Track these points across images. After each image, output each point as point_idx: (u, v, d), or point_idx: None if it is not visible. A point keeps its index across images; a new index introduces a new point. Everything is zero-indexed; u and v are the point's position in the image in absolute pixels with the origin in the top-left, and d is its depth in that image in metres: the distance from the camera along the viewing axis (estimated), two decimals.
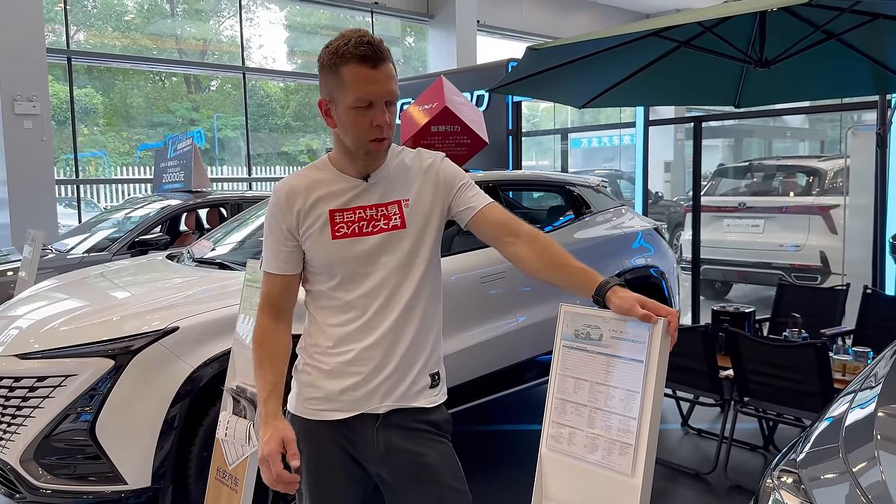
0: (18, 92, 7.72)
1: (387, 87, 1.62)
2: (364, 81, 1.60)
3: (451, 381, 3.60)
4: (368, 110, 1.62)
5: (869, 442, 1.29)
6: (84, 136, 16.01)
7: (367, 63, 1.59)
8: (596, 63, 4.15)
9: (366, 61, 1.59)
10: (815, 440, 1.48)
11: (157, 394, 2.84)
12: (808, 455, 1.43)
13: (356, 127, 1.64)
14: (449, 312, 3.62)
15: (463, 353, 3.65)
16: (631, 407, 1.50)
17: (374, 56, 1.59)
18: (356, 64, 1.59)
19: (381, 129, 1.64)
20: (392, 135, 1.69)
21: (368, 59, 1.59)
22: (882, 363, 1.72)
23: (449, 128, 4.45)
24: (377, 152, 1.69)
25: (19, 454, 2.83)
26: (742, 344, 3.49)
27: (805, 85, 4.53)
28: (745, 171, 8.64)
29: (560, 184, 4.91)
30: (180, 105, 16.75)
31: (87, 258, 5.52)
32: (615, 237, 4.88)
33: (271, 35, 16.92)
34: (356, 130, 1.64)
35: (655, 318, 1.49)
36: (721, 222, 8.00)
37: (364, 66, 1.59)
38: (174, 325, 2.91)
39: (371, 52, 1.59)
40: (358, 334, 1.73)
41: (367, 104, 1.61)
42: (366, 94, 1.60)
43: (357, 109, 1.62)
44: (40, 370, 2.84)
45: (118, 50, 15.22)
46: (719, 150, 19.84)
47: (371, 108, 1.62)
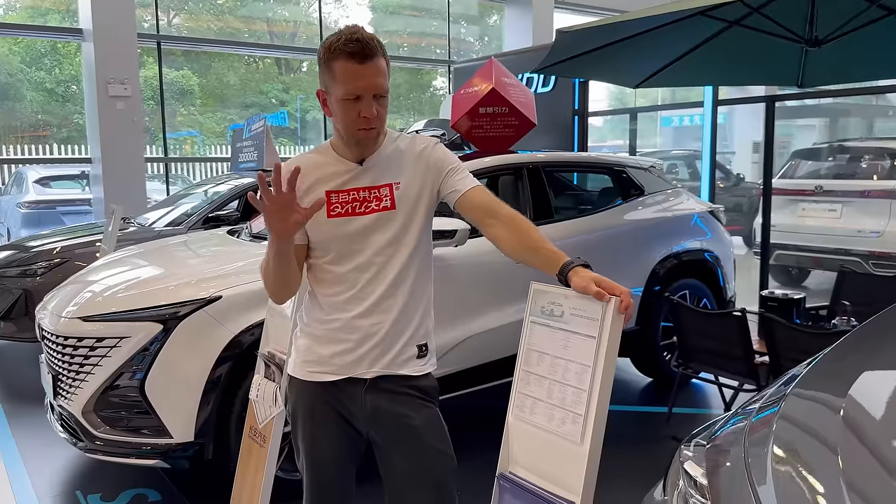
0: (112, 75, 8.24)
1: (373, 82, 1.74)
2: (352, 76, 1.71)
3: (487, 357, 3.74)
4: (357, 103, 1.74)
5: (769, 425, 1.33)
6: (182, 117, 16.89)
7: (355, 59, 1.70)
8: (645, 43, 4.12)
9: (353, 57, 1.70)
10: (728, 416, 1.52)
11: (201, 357, 3.09)
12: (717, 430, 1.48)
13: (346, 118, 1.77)
14: (484, 292, 3.74)
15: (500, 329, 3.75)
16: (583, 380, 1.58)
17: (362, 52, 1.71)
18: (345, 60, 1.71)
19: (367, 121, 1.76)
20: (381, 125, 1.81)
21: (356, 55, 1.70)
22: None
23: (497, 109, 4.52)
24: (366, 140, 1.82)
25: (82, 406, 3.15)
26: (777, 330, 3.44)
27: (870, 63, 4.34)
28: (827, 153, 8.27)
29: (609, 165, 4.89)
30: (272, 86, 17.38)
31: (164, 231, 5.91)
32: (665, 220, 4.84)
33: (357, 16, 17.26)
34: (346, 121, 1.78)
35: (607, 297, 1.56)
36: (797, 206, 7.71)
37: (352, 61, 1.71)
38: (218, 294, 3.15)
39: (359, 48, 1.70)
40: (348, 305, 1.87)
41: (356, 97, 1.73)
42: (353, 89, 1.72)
43: (346, 101, 1.74)
44: (99, 332, 3.14)
45: (212, 33, 15.92)
46: (816, 130, 18.93)
47: (359, 101, 1.74)
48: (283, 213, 1.65)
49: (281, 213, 1.65)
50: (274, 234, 1.70)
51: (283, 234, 1.70)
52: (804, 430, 1.28)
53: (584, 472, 1.55)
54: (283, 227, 1.67)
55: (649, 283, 4.64)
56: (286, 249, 1.76)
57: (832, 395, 1.36)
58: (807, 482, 1.10)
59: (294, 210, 1.66)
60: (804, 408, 1.36)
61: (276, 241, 1.72)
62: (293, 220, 1.68)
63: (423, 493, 1.88)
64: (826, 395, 1.41)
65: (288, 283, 1.86)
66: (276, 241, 1.72)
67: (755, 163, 16.11)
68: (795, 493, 1.08)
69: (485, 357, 3.77)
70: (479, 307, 3.75)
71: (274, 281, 1.85)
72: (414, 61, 14.32)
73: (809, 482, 1.10)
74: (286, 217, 1.66)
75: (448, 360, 3.58)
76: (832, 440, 1.16)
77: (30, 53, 15.28)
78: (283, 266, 1.79)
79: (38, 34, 12.94)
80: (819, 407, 1.38)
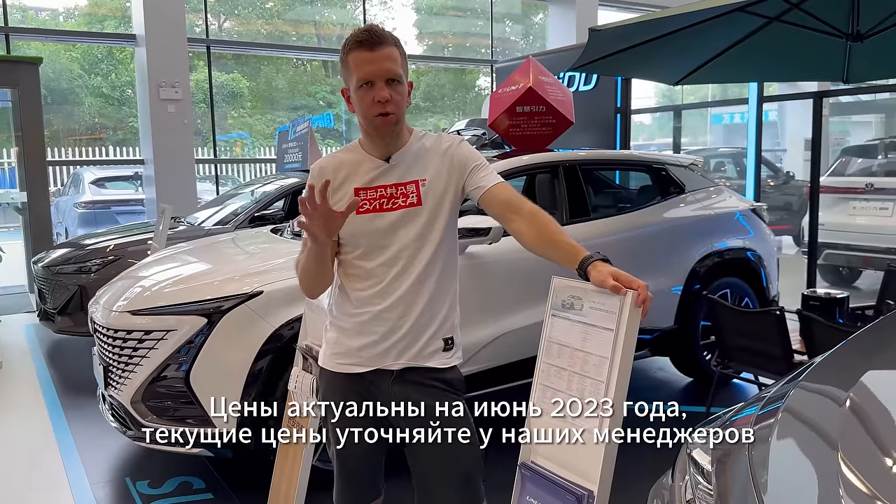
0: (163, 79, 8.52)
1: (384, 67, 1.81)
2: (363, 63, 1.81)
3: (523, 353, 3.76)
4: (371, 89, 1.82)
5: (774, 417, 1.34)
6: (233, 119, 17.29)
7: (365, 47, 1.80)
8: (684, 39, 4.09)
9: (363, 45, 1.80)
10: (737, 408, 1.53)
11: (243, 349, 3.21)
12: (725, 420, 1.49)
13: (362, 105, 1.85)
14: (518, 289, 3.77)
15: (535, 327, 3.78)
16: (601, 371, 1.62)
17: (371, 40, 1.80)
18: (356, 49, 1.81)
19: (382, 105, 1.83)
20: (398, 111, 1.86)
21: (365, 43, 1.80)
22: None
23: (534, 108, 4.54)
24: (384, 128, 1.87)
25: (130, 396, 3.29)
26: (816, 329, 3.40)
27: None
28: (878, 150, 8.05)
29: (648, 163, 4.87)
30: (319, 88, 17.65)
31: (212, 230, 6.09)
32: (706, 217, 4.80)
33: (402, 17, 17.42)
34: (363, 108, 1.85)
35: (624, 290, 1.59)
36: (847, 204, 7.53)
37: (362, 49, 1.81)
38: (259, 290, 3.27)
39: (367, 37, 1.80)
40: (376, 298, 1.93)
41: (369, 83, 1.81)
42: (364, 74, 1.81)
43: (361, 89, 1.83)
44: (147, 325, 3.28)
45: (262, 37, 16.26)
46: (872, 127, 18.38)
47: (372, 87, 1.82)
48: (323, 220, 1.75)
49: (321, 219, 1.74)
50: (313, 238, 1.79)
51: (322, 237, 1.79)
52: (806, 424, 1.29)
53: (602, 462, 1.59)
54: (322, 232, 1.77)
55: (689, 282, 4.60)
56: (324, 251, 1.86)
57: (837, 390, 1.37)
58: (805, 475, 1.12)
59: (332, 217, 1.75)
60: (809, 401, 1.38)
61: (315, 243, 1.81)
62: (333, 227, 1.78)
63: (449, 484, 1.93)
64: (831, 389, 1.42)
65: (323, 280, 1.96)
66: (315, 243, 1.82)
67: (807, 160, 15.72)
68: (793, 486, 1.10)
69: (520, 354, 3.80)
70: (514, 304, 3.79)
71: (310, 278, 1.94)
72: (457, 61, 14.39)
73: (808, 475, 1.12)
74: (326, 224, 1.75)
75: (483, 356, 3.63)
76: (833, 434, 1.18)
77: (87, 59, 15.85)
78: (321, 265, 1.89)
79: (93, 40, 13.42)
80: (823, 401, 1.39)
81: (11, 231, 9.71)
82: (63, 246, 6.48)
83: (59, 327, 5.81)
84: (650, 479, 1.77)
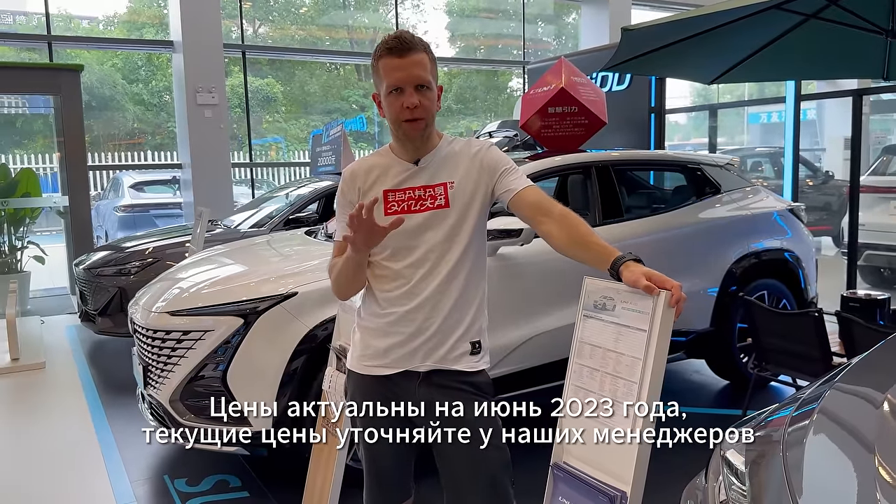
0: (200, 84, 8.67)
1: (413, 73, 1.84)
2: (392, 69, 1.84)
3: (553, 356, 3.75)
4: (400, 95, 1.85)
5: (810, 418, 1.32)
6: (267, 124, 17.50)
7: (394, 54, 1.83)
8: (718, 38, 4.05)
9: (392, 52, 1.84)
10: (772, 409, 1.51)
11: (279, 349, 3.26)
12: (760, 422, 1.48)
13: (392, 111, 1.88)
14: (549, 291, 3.76)
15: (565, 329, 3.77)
16: (634, 372, 1.62)
17: (400, 47, 1.83)
18: (386, 56, 1.85)
19: (411, 111, 1.86)
20: (427, 116, 1.89)
21: (395, 50, 1.83)
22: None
23: (566, 108, 4.53)
24: (413, 133, 1.90)
25: (169, 395, 3.36)
26: (855, 330, 3.33)
27: None
28: None
29: (683, 163, 4.83)
30: (352, 92, 17.79)
31: (248, 232, 6.19)
32: (742, 218, 4.73)
33: (433, 20, 17.47)
34: (393, 114, 1.88)
35: (658, 291, 1.59)
36: (888, 204, 7.37)
37: (391, 56, 1.84)
38: (294, 291, 3.31)
39: (397, 44, 1.83)
40: (402, 299, 1.95)
41: (398, 89, 1.84)
42: (394, 81, 1.84)
43: (391, 95, 1.86)
44: (185, 325, 3.35)
45: (296, 42, 16.45)
46: None
47: (402, 93, 1.85)
48: (367, 234, 1.80)
49: (365, 233, 1.80)
50: (354, 248, 1.86)
51: (364, 249, 1.86)
52: (842, 426, 1.27)
53: (635, 463, 1.58)
54: (364, 244, 1.84)
55: (725, 283, 4.54)
56: (363, 259, 1.92)
57: (874, 391, 1.35)
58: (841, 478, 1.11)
59: (375, 231, 1.80)
60: (845, 403, 1.36)
61: (356, 252, 1.88)
62: (375, 240, 1.84)
63: (478, 487, 1.93)
64: (867, 390, 1.39)
65: (357, 285, 2.02)
66: (355, 252, 1.88)
67: (846, 160, 15.39)
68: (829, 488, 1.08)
69: (552, 356, 3.79)
70: (545, 306, 3.78)
71: (345, 283, 2.00)
72: (489, 63, 14.39)
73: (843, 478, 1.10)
74: (368, 237, 1.81)
75: (515, 358, 3.63)
76: (870, 437, 1.16)
77: (127, 66, 16.19)
78: (358, 272, 1.96)
79: (132, 47, 13.69)
80: (859, 402, 1.37)
81: (54, 234, 9.95)
82: (103, 249, 6.63)
83: (99, 328, 5.95)
84: (683, 480, 1.76)
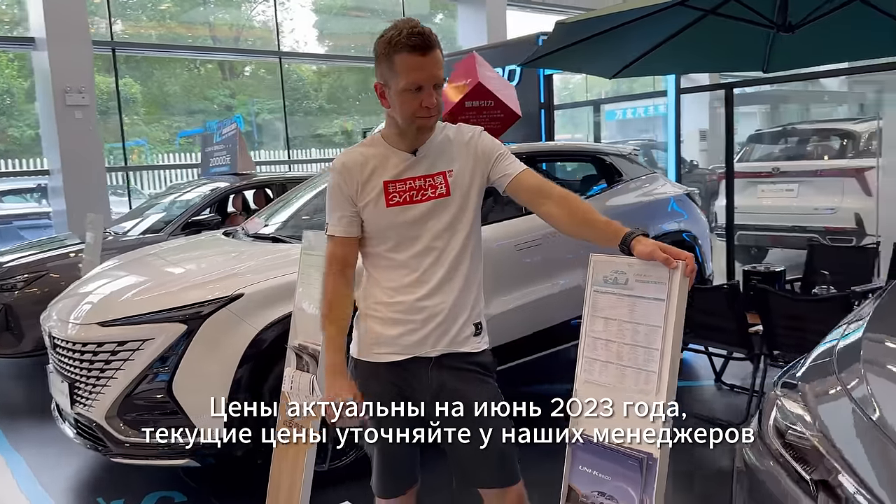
0: (68, 84, 8.07)
1: (434, 73, 1.84)
2: (414, 68, 1.81)
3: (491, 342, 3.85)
4: (418, 93, 1.83)
5: (856, 362, 1.49)
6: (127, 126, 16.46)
7: (417, 52, 1.80)
8: (624, 34, 4.28)
9: (416, 50, 1.80)
10: (811, 360, 1.67)
11: (227, 354, 3.13)
12: (806, 371, 1.63)
13: (407, 108, 1.86)
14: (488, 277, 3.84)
15: (501, 316, 3.86)
16: (653, 340, 1.71)
17: (424, 45, 1.80)
18: (407, 53, 1.80)
19: (428, 110, 1.86)
20: (440, 113, 1.91)
21: (418, 48, 1.80)
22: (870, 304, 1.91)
23: (483, 103, 4.64)
24: (426, 128, 1.92)
25: (105, 411, 3.14)
26: (771, 300, 3.65)
27: (831, 47, 4.60)
28: (779, 137, 8.65)
29: (592, 153, 5.07)
30: (217, 92, 17.08)
31: (145, 239, 5.84)
32: (647, 203, 5.03)
33: (301, 19, 17.10)
34: (407, 111, 1.87)
35: (675, 263, 1.69)
36: (755, 188, 8.05)
37: (414, 54, 1.80)
38: (240, 292, 3.19)
39: (421, 41, 1.80)
40: (412, 288, 1.96)
41: (417, 88, 1.83)
42: (415, 80, 1.82)
43: (408, 93, 1.83)
44: (121, 336, 3.14)
45: (154, 39, 15.59)
46: (756, 117, 19.60)
47: (420, 92, 1.83)
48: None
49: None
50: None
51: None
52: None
53: (661, 427, 1.68)
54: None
55: None
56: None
57: None
58: None
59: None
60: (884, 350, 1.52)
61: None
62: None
63: (487, 463, 1.98)
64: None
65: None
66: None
67: (703, 150, 16.63)
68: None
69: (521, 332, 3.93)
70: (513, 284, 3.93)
71: None
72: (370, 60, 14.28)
73: None
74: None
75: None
76: None
77: None
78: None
79: None
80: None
81: None
82: None
83: None
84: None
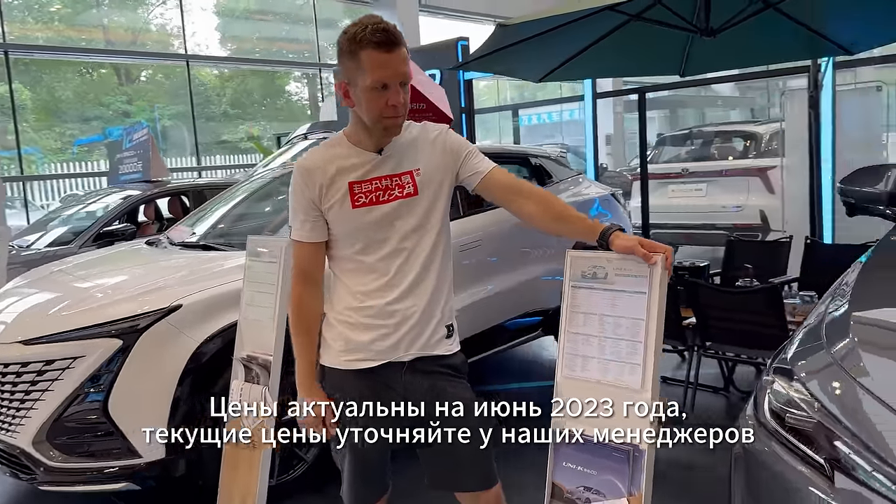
0: None
1: (400, 70, 1.78)
2: (380, 66, 1.75)
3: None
4: (384, 91, 1.77)
5: (846, 338, 1.56)
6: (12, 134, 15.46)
7: (383, 48, 1.74)
8: (552, 38, 4.35)
9: (381, 47, 1.74)
10: (799, 342, 1.74)
11: (166, 369, 2.96)
12: (796, 354, 1.69)
13: (374, 106, 1.80)
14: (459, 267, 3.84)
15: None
16: (636, 332, 1.73)
17: (389, 41, 1.75)
18: (373, 49, 1.74)
19: (395, 109, 1.81)
20: (406, 111, 1.86)
21: (383, 44, 1.74)
22: (851, 273, 2.01)
23: (415, 105, 4.60)
24: (393, 127, 1.86)
25: (31, 437, 2.91)
26: (702, 293, 3.79)
27: (745, 52, 4.84)
28: (686, 139, 9.03)
29: (522, 156, 5.13)
30: (114, 98, 16.30)
31: (52, 252, 5.50)
32: (577, 204, 5.12)
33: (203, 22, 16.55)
34: (374, 109, 1.80)
35: (655, 259, 1.72)
36: (666, 188, 8.37)
37: (380, 51, 1.74)
38: (178, 303, 3.03)
39: (385, 38, 1.74)
40: (381, 292, 1.91)
41: (383, 86, 1.77)
42: (381, 77, 1.76)
43: (374, 90, 1.77)
44: (48, 354, 2.92)
45: (42, 42, 14.71)
46: (656, 122, 20.44)
47: (387, 90, 1.77)
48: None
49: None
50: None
51: None
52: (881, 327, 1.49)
53: (647, 418, 1.70)
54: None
55: None
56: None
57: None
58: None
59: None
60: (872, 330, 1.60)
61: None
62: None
63: (463, 466, 1.96)
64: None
65: None
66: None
67: (609, 154, 17.20)
68: None
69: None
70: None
71: None
72: (284, 64, 14.01)
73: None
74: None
75: None
76: None
77: None
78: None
79: None
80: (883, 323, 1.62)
81: None
82: None
83: None
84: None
